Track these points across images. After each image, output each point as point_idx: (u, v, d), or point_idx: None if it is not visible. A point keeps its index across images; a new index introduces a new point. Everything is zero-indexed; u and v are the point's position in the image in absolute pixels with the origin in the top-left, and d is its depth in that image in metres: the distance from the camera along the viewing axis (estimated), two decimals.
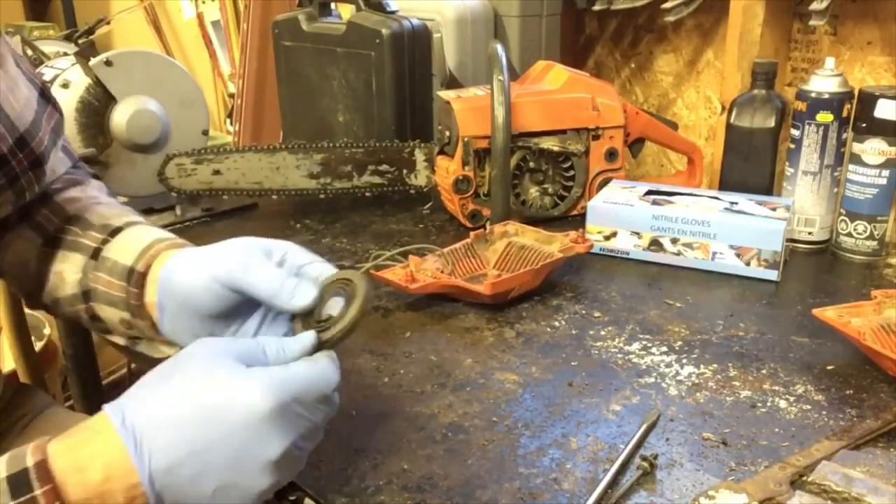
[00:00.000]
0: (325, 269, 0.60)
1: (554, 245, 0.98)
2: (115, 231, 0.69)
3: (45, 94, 0.75)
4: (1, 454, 0.79)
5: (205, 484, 0.48)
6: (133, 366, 1.57)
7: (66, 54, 1.49)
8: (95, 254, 0.68)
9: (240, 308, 0.60)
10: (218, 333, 0.61)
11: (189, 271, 0.61)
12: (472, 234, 1.01)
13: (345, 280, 0.58)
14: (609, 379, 0.78)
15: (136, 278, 0.65)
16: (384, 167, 1.22)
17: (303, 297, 0.57)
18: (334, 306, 0.57)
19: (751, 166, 1.11)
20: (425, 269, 0.93)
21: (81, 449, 0.47)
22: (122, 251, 0.67)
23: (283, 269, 0.59)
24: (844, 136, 1.04)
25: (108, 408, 0.49)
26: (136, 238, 0.68)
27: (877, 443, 0.66)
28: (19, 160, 0.70)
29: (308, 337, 0.55)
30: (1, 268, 0.75)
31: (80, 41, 1.67)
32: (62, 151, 0.79)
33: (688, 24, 1.40)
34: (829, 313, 0.81)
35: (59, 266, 0.70)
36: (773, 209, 1.02)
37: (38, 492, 0.45)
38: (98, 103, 1.18)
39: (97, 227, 0.70)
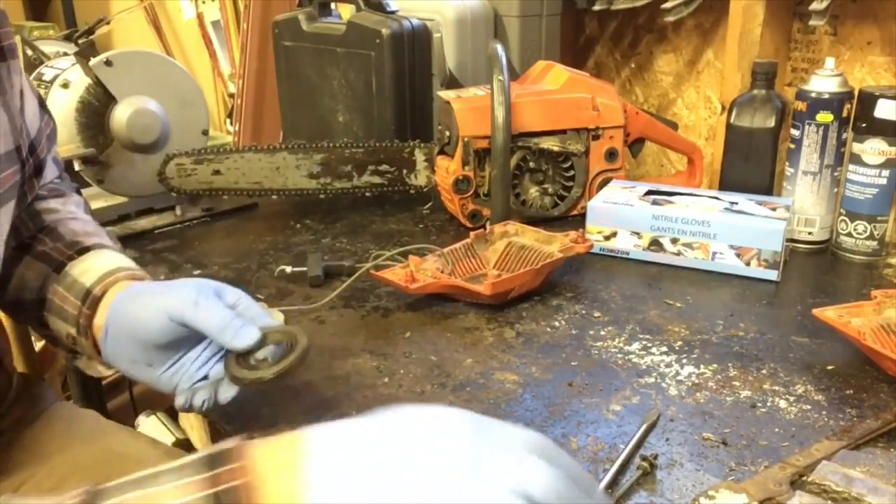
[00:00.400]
0: (272, 322, 0.65)
1: (554, 245, 0.98)
2: (84, 250, 0.72)
3: (42, 103, 0.77)
4: (12, 444, 0.80)
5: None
6: None
7: (66, 54, 1.49)
8: (59, 267, 0.71)
9: (181, 342, 0.64)
10: (157, 363, 0.64)
11: (141, 301, 0.64)
12: (472, 234, 1.01)
13: (288, 333, 0.64)
14: (609, 379, 0.78)
15: (91, 300, 0.67)
16: (384, 167, 1.22)
17: (246, 336, 0.61)
18: (272, 352, 0.63)
19: (751, 166, 1.11)
20: (425, 269, 0.93)
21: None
22: (84, 272, 0.69)
23: (234, 310, 0.63)
24: (844, 136, 1.04)
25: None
26: (101, 262, 0.70)
27: (877, 443, 0.66)
28: (29, 165, 0.71)
29: None
30: None
31: (80, 41, 1.67)
32: (52, 160, 0.81)
33: (688, 24, 1.40)
34: (829, 313, 0.81)
35: (23, 271, 0.72)
36: (773, 209, 1.02)
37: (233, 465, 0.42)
38: (98, 103, 1.18)
39: (67, 242, 0.73)
